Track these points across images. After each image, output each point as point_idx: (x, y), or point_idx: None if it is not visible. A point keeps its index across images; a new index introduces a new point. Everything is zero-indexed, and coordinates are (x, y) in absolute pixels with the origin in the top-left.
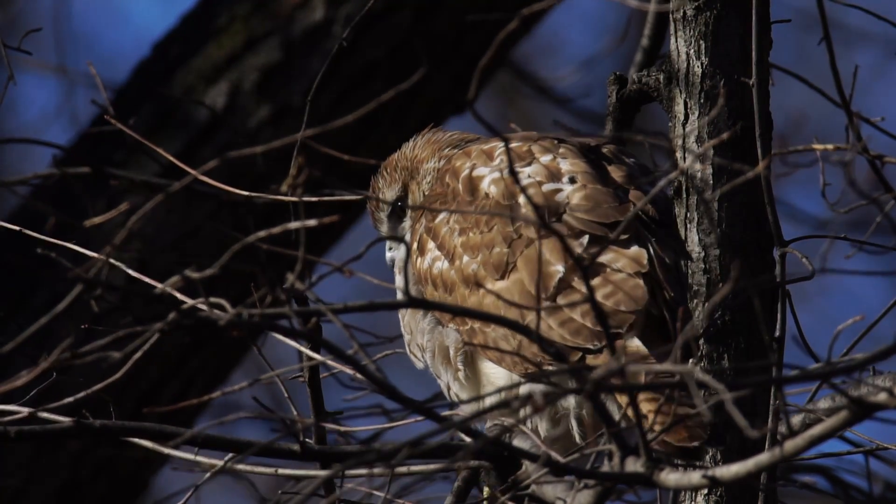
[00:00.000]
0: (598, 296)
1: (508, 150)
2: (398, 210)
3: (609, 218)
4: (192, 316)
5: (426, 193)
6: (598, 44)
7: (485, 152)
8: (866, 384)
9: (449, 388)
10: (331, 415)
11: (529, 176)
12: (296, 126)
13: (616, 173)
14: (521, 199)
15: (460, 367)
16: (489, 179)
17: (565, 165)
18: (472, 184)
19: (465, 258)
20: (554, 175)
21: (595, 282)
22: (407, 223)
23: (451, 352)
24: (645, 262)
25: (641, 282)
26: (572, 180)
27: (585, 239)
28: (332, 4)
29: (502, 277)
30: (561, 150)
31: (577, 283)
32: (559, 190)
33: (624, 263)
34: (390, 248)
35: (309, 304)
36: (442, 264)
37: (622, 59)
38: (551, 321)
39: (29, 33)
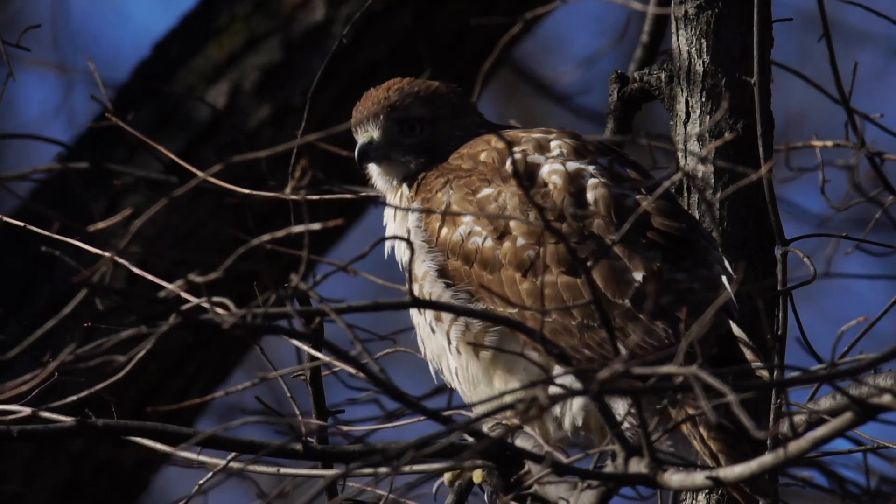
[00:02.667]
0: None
1: (513, 160)
2: (407, 127)
3: (681, 230)
4: (195, 317)
5: (446, 147)
6: (599, 41)
7: (535, 139)
8: (867, 385)
9: (461, 372)
10: (332, 413)
11: (592, 175)
12: (296, 126)
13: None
14: (590, 196)
15: (487, 352)
16: (549, 168)
17: (624, 172)
18: (529, 169)
19: (521, 241)
20: (618, 179)
21: (670, 299)
22: (409, 145)
23: (476, 329)
24: (722, 286)
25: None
26: (636, 188)
27: (659, 256)
28: (332, 4)
29: (569, 272)
30: (607, 152)
31: (654, 295)
32: (627, 195)
33: (699, 286)
34: (369, 142)
35: (312, 305)
36: (482, 240)
37: (622, 56)
38: (630, 329)
39: (28, 30)
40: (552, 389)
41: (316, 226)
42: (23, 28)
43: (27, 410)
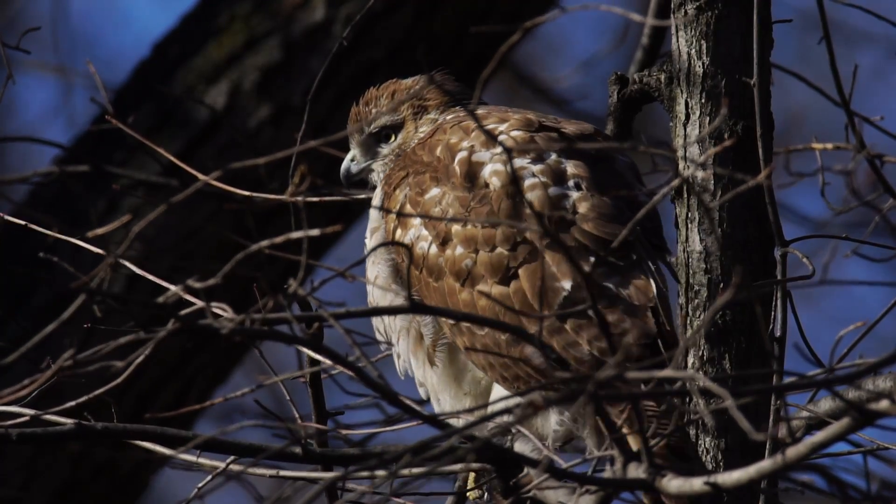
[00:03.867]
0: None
1: (512, 166)
2: (382, 137)
3: (615, 235)
4: (194, 323)
5: (413, 144)
6: (599, 44)
7: (486, 134)
8: (866, 389)
9: (423, 381)
10: (332, 415)
11: (535, 175)
12: (295, 126)
13: (614, 178)
14: (528, 198)
15: (438, 363)
16: (490, 169)
17: (570, 168)
18: (472, 169)
19: (460, 249)
20: (559, 177)
21: (603, 307)
22: (385, 154)
23: (428, 342)
24: (653, 294)
25: (650, 314)
26: (578, 186)
27: (591, 259)
28: (332, 4)
29: (501, 282)
30: (561, 146)
31: (584, 303)
32: (565, 195)
33: (632, 292)
34: (353, 160)
35: (311, 309)
36: (428, 245)
37: (622, 58)
38: (554, 341)
39: (27, 32)
40: (548, 393)
41: (315, 232)
42: (23, 29)
43: (27, 414)
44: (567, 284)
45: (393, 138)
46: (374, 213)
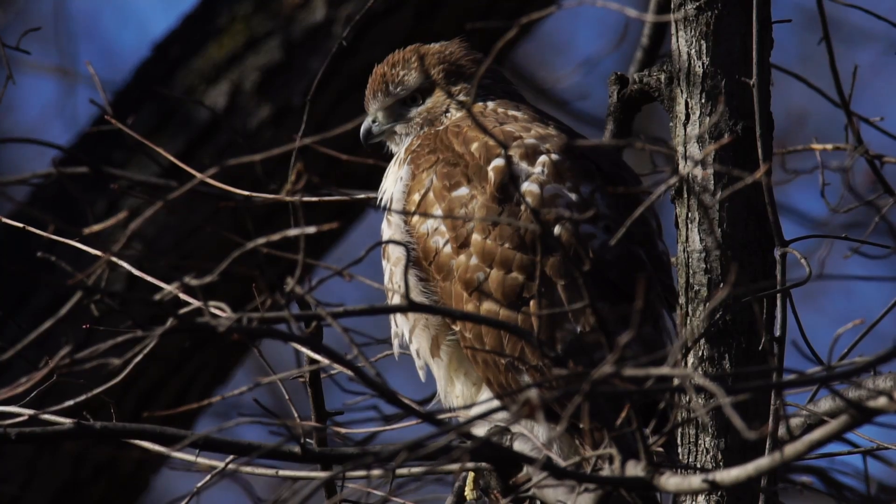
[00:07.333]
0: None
1: (510, 167)
2: (409, 100)
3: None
4: (191, 321)
5: (442, 112)
6: (599, 44)
7: (527, 146)
8: (865, 388)
9: (426, 366)
10: (331, 415)
11: (568, 206)
12: (296, 126)
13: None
14: (556, 230)
15: (443, 357)
16: (524, 188)
17: (602, 205)
18: (506, 181)
19: (474, 259)
20: (591, 215)
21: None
22: (411, 117)
23: (433, 332)
24: (660, 346)
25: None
26: (608, 228)
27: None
28: (332, 4)
29: (511, 306)
30: (594, 177)
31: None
32: (594, 236)
33: (638, 347)
34: (374, 121)
35: (309, 308)
36: (443, 242)
37: (622, 58)
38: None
39: (28, 32)
40: (545, 392)
41: (311, 229)
42: (24, 29)
43: (26, 414)
44: (577, 328)
45: (421, 101)
46: (398, 188)
